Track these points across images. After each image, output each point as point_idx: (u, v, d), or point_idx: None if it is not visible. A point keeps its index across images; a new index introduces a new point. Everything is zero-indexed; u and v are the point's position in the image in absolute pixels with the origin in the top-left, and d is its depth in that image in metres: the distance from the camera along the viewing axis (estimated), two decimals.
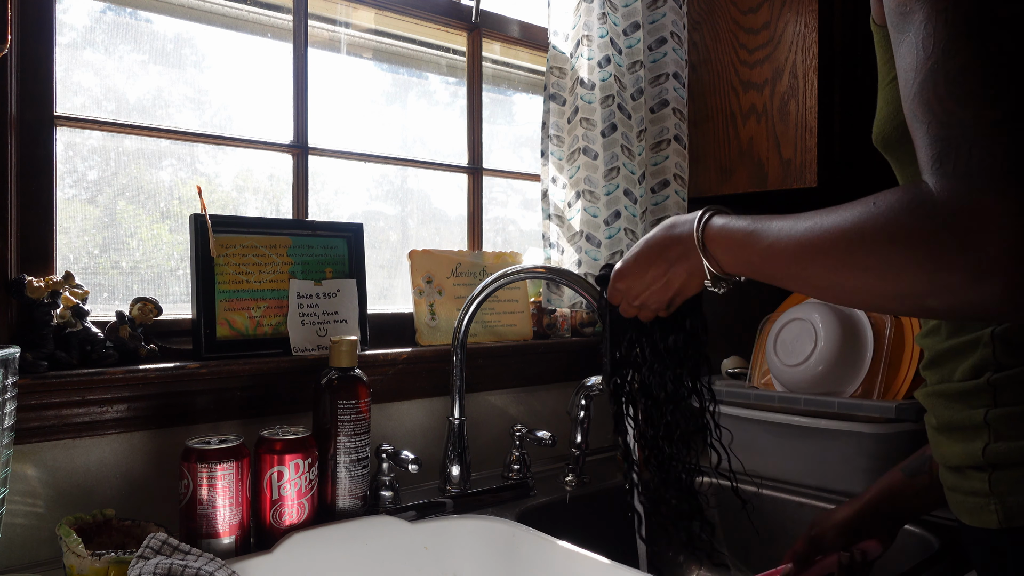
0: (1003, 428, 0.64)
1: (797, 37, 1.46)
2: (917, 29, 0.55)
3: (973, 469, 0.66)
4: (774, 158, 1.50)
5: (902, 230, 0.52)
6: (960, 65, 0.52)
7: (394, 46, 1.42)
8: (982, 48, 0.51)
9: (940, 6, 0.53)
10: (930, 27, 0.53)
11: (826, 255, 0.58)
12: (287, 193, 1.24)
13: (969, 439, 0.66)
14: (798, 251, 0.60)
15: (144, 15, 1.14)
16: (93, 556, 0.76)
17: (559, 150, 1.41)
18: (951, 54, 0.52)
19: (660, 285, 0.80)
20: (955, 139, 0.51)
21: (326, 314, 1.13)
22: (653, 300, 0.82)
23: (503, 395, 1.38)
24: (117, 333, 0.97)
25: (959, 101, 0.51)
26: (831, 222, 0.58)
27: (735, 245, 0.69)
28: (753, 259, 0.67)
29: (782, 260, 0.63)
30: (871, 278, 0.54)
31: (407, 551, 0.95)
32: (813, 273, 0.59)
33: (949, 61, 0.52)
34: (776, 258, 0.63)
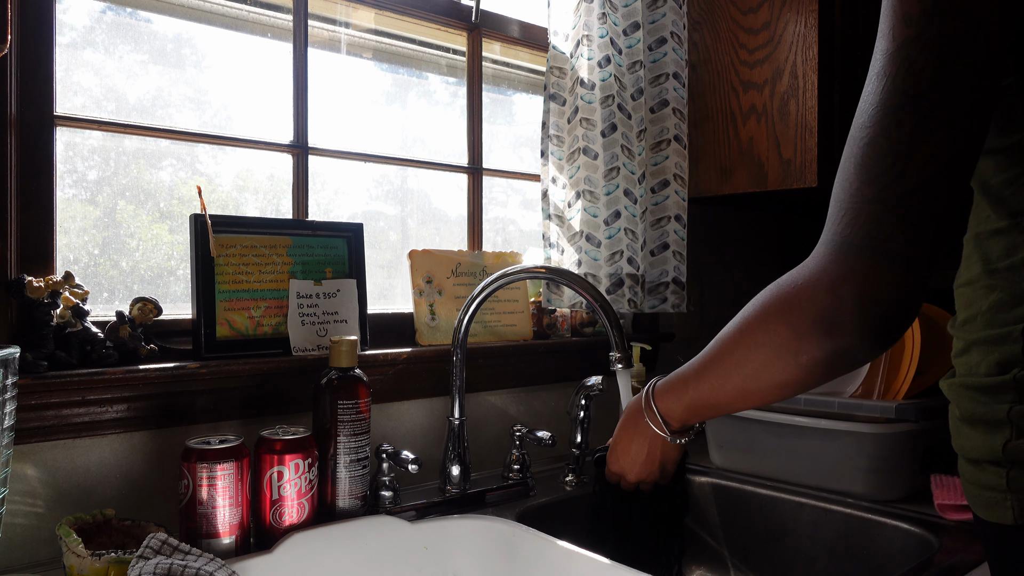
0: None
1: (797, 37, 1.46)
2: (869, 80, 0.59)
3: (991, 464, 0.66)
4: (774, 158, 1.50)
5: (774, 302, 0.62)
6: (871, 137, 0.57)
7: (394, 46, 1.42)
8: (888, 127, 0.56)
9: (889, 69, 0.57)
10: (876, 85, 0.58)
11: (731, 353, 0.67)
12: (287, 193, 1.24)
13: (990, 433, 0.66)
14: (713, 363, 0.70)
15: (144, 15, 1.14)
16: (93, 556, 0.76)
17: (559, 150, 1.41)
18: (872, 122, 0.57)
19: (644, 456, 0.88)
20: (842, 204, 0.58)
21: (326, 314, 1.13)
22: (645, 473, 0.90)
23: (503, 395, 1.38)
24: (117, 333, 0.97)
25: (858, 170, 0.57)
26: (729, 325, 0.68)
27: (675, 390, 0.79)
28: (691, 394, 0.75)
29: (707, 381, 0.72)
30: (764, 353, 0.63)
31: (407, 551, 0.95)
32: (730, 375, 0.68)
33: (867, 129, 0.57)
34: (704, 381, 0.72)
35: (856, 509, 1.12)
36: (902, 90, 0.55)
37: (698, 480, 1.30)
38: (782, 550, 1.19)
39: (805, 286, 0.59)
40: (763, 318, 0.63)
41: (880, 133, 0.56)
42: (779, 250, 2.07)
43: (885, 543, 1.08)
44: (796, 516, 1.18)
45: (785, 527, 1.19)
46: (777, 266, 2.05)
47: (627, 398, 1.04)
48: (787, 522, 1.19)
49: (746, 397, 0.69)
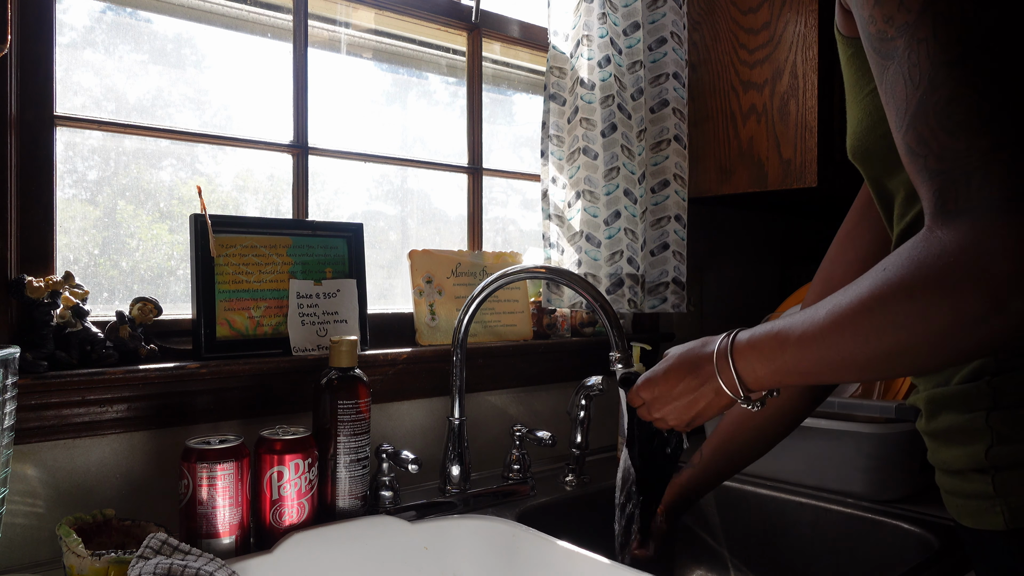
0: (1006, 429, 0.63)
1: (797, 37, 1.46)
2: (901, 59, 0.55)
3: (975, 472, 0.66)
4: (774, 158, 1.50)
5: (918, 281, 0.53)
6: (947, 96, 0.52)
7: (394, 46, 1.42)
8: (966, 77, 0.52)
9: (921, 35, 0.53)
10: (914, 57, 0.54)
11: (855, 328, 0.58)
12: (287, 193, 1.24)
13: (970, 442, 0.66)
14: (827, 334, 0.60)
15: (144, 15, 1.14)
16: (93, 556, 0.76)
17: (559, 150, 1.41)
18: (937, 85, 0.53)
19: (686, 401, 0.79)
20: (953, 172, 0.52)
21: (326, 314, 1.13)
22: (674, 416, 0.82)
23: (503, 395, 1.38)
24: (117, 333, 0.97)
25: (951, 133, 0.52)
26: (850, 297, 0.58)
27: (766, 350, 0.69)
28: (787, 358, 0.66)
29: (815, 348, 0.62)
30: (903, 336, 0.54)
31: (407, 551, 0.95)
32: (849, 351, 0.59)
33: (936, 92, 0.53)
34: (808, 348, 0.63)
35: (856, 509, 1.12)
36: (954, 41, 0.52)
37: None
38: (782, 550, 1.19)
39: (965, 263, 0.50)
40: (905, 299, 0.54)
41: (958, 85, 0.52)
42: (779, 250, 2.07)
43: (885, 543, 1.08)
44: (796, 516, 1.18)
45: (785, 527, 1.19)
46: (777, 266, 2.05)
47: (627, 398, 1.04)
48: (787, 522, 1.19)
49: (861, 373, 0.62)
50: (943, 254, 0.51)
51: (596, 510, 1.23)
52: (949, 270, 0.51)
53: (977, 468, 0.65)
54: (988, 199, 0.50)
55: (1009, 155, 0.50)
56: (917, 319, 0.53)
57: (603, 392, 1.24)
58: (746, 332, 0.72)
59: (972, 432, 0.66)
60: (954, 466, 0.68)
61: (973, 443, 0.66)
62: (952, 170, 0.52)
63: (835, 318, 0.60)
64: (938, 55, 0.52)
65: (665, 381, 0.81)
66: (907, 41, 0.54)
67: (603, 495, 1.24)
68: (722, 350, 0.74)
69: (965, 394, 0.66)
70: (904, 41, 0.54)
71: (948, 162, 0.52)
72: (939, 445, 0.70)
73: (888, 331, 0.55)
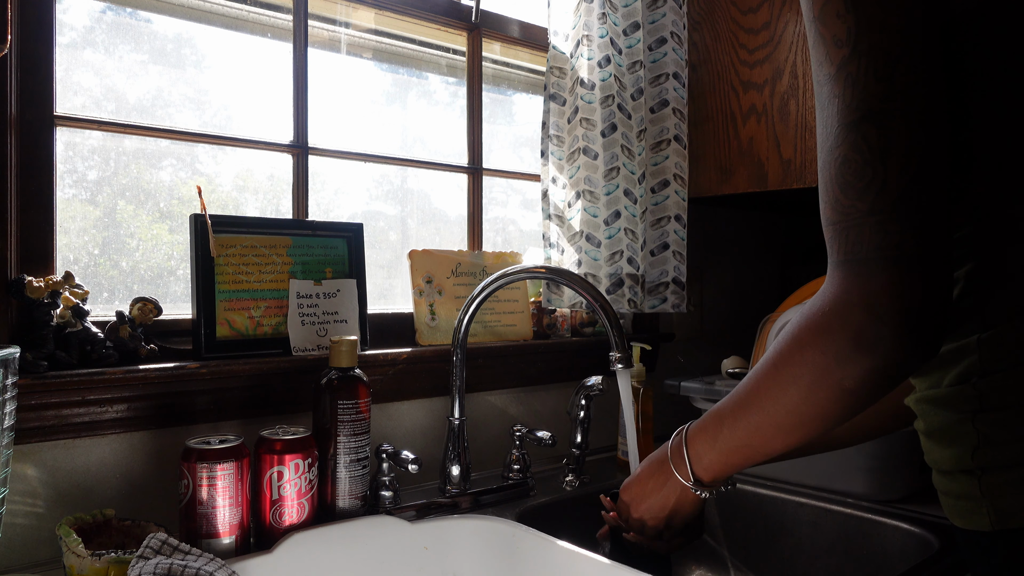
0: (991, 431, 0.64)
1: (797, 37, 1.46)
2: (822, 106, 0.61)
3: (963, 473, 0.66)
4: (774, 158, 1.50)
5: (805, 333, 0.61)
6: (842, 156, 0.58)
7: (394, 46, 1.42)
8: (857, 143, 0.57)
9: (836, 91, 0.59)
10: (830, 108, 0.60)
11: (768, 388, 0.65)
12: (287, 193, 1.24)
13: (958, 443, 0.67)
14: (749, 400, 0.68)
15: (144, 15, 1.14)
16: (93, 556, 0.76)
17: (559, 150, 1.41)
18: (838, 143, 0.59)
19: (657, 499, 0.82)
20: (839, 225, 0.59)
21: (326, 314, 1.13)
22: (650, 515, 0.84)
23: (503, 395, 1.38)
24: (117, 333, 0.97)
25: (842, 189, 0.59)
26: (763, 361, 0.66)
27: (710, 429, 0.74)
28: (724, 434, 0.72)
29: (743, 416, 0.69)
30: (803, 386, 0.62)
31: (407, 551, 0.95)
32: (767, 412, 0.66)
33: (836, 150, 0.59)
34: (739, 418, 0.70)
35: (856, 509, 1.12)
36: (854, 107, 0.58)
37: None
38: (782, 550, 1.19)
39: (834, 310, 0.58)
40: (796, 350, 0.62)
41: (850, 149, 0.58)
42: (779, 250, 2.07)
43: (885, 543, 1.08)
44: (796, 516, 1.18)
45: (785, 527, 1.19)
46: (777, 266, 2.05)
47: (627, 398, 1.04)
48: (787, 522, 1.19)
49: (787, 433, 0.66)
50: (823, 305, 0.60)
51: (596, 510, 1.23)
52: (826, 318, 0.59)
53: (964, 469, 0.66)
54: (858, 256, 0.57)
55: (877, 221, 0.57)
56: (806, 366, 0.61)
57: (603, 392, 1.24)
58: (696, 421, 0.78)
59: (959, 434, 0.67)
60: (944, 467, 0.69)
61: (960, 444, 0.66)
62: (839, 223, 0.59)
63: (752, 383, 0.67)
64: (842, 114, 0.59)
65: (638, 482, 0.86)
66: (828, 92, 0.60)
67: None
68: (676, 442, 0.79)
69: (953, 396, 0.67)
70: (827, 91, 0.60)
71: (838, 214, 0.59)
72: (932, 446, 0.71)
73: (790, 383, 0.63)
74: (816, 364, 0.60)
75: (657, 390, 1.53)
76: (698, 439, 0.76)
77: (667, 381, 1.48)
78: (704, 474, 0.77)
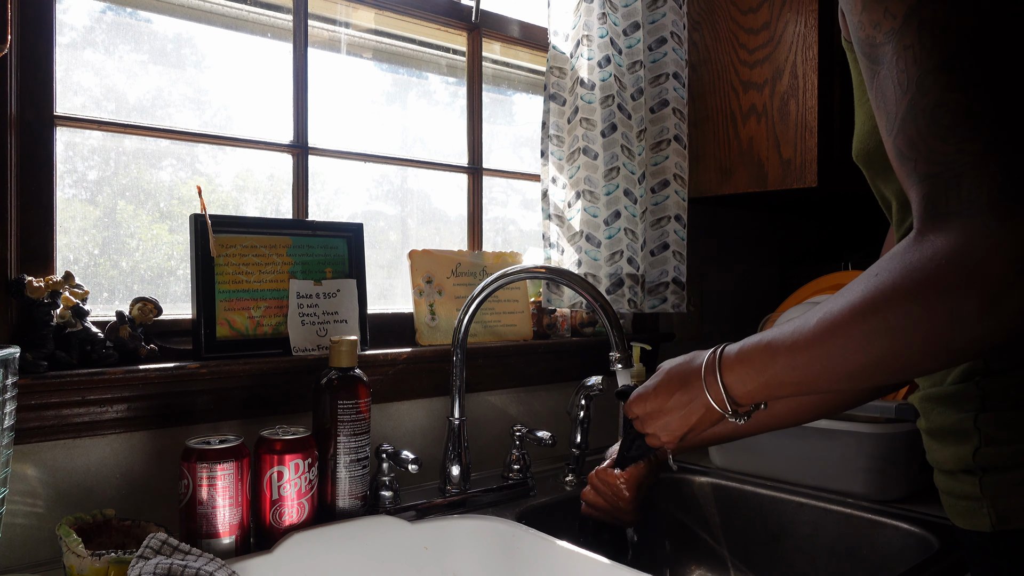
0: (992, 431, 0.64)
1: (797, 37, 1.46)
2: (889, 64, 0.56)
3: (964, 473, 0.66)
4: (774, 158, 1.50)
5: (910, 285, 0.53)
6: (935, 100, 0.52)
7: (394, 46, 1.42)
8: (953, 81, 0.52)
9: (907, 41, 0.54)
10: (901, 63, 0.54)
11: (848, 335, 0.57)
12: (287, 193, 1.24)
13: (960, 443, 0.66)
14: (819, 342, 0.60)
15: (144, 15, 1.14)
16: (93, 556, 0.76)
17: (559, 150, 1.41)
18: (925, 90, 0.53)
19: (678, 417, 0.78)
20: (943, 175, 0.52)
21: (326, 314, 1.13)
22: (666, 432, 0.80)
23: (503, 395, 1.38)
24: (117, 333, 0.97)
25: (940, 137, 0.52)
26: (841, 304, 0.58)
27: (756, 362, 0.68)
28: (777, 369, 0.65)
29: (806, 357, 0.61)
30: (897, 341, 0.54)
31: (407, 551, 0.95)
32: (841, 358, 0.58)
33: (924, 97, 0.53)
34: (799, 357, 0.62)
35: (856, 509, 1.12)
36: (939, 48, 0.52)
37: (698, 480, 1.30)
38: (782, 550, 1.19)
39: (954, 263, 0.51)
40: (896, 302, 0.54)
41: (944, 92, 0.52)
42: (779, 250, 2.07)
43: (885, 543, 1.08)
44: (796, 516, 1.18)
45: (785, 527, 1.19)
46: (777, 266, 2.05)
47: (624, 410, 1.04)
48: (787, 522, 1.19)
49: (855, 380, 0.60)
50: (934, 257, 0.52)
51: None
52: (941, 273, 0.51)
53: (966, 469, 0.66)
54: (979, 201, 0.50)
55: (1000, 156, 0.50)
56: (910, 323, 0.53)
57: (603, 392, 1.24)
58: (734, 345, 0.72)
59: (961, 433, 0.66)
60: (945, 466, 0.69)
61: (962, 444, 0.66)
62: (942, 173, 0.52)
63: (827, 325, 0.59)
64: (924, 60, 0.53)
65: (656, 397, 0.80)
66: (894, 47, 0.55)
67: None
68: (710, 364, 0.73)
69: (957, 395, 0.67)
70: (891, 47, 0.55)
71: (938, 166, 0.52)
72: (934, 445, 0.71)
73: (881, 336, 0.55)
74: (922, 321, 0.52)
75: None
76: (741, 366, 0.70)
77: None
78: (740, 398, 0.72)
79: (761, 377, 0.68)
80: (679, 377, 0.78)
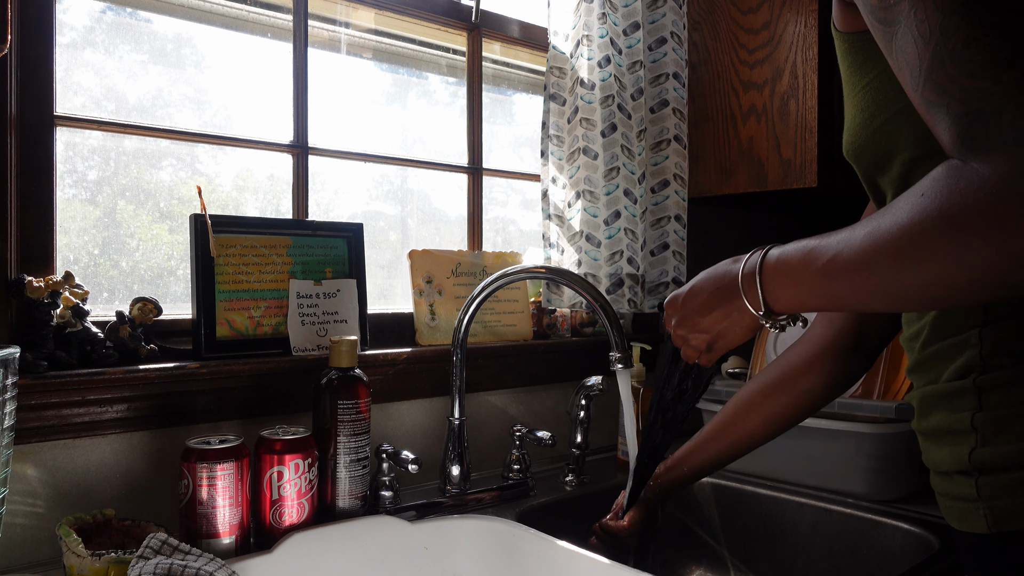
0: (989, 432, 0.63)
1: (797, 37, 1.46)
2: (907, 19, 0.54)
3: (960, 474, 0.66)
4: (774, 158, 1.50)
5: (961, 212, 0.50)
6: (963, 40, 0.50)
7: (394, 46, 1.42)
8: (978, 16, 0.50)
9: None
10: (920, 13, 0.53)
11: (892, 256, 0.54)
12: (287, 193, 1.24)
13: (956, 443, 0.66)
14: (865, 257, 0.56)
15: (144, 15, 1.14)
16: (93, 556, 0.76)
17: (559, 150, 1.41)
18: (950, 32, 0.51)
19: (709, 318, 0.75)
20: (980, 111, 0.50)
21: (326, 314, 1.13)
22: (696, 334, 0.78)
23: (503, 395, 1.38)
24: (117, 333, 0.97)
25: (973, 75, 0.50)
26: (889, 222, 0.54)
27: (796, 269, 0.64)
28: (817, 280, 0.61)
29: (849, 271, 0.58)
30: (945, 267, 0.51)
31: (407, 551, 0.95)
32: (886, 277, 0.55)
33: (950, 40, 0.51)
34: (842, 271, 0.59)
35: (856, 509, 1.12)
36: None
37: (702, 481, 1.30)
38: (782, 550, 1.19)
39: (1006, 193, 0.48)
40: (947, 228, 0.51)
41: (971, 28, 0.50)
42: None
43: (885, 543, 1.08)
44: (796, 516, 1.18)
45: (785, 527, 1.19)
46: None
47: (627, 398, 1.04)
48: (787, 522, 1.19)
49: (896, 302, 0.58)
50: (983, 186, 0.49)
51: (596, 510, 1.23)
52: (990, 205, 0.49)
53: (961, 470, 0.66)
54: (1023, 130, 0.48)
55: None
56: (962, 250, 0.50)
57: (603, 392, 1.24)
58: (777, 248, 0.68)
59: (957, 433, 0.66)
60: (941, 468, 0.69)
61: (958, 444, 0.66)
62: (980, 109, 0.50)
63: (874, 242, 0.56)
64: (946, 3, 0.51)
65: (690, 297, 0.78)
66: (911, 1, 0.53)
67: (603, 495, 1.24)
68: (750, 267, 0.70)
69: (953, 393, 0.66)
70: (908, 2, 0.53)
71: (974, 103, 0.50)
72: (930, 445, 0.71)
73: (930, 260, 0.52)
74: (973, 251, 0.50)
75: None
76: (779, 274, 0.66)
77: None
78: (776, 304, 0.68)
79: (800, 286, 0.64)
80: (716, 278, 0.75)
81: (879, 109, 0.68)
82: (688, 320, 0.78)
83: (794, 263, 0.64)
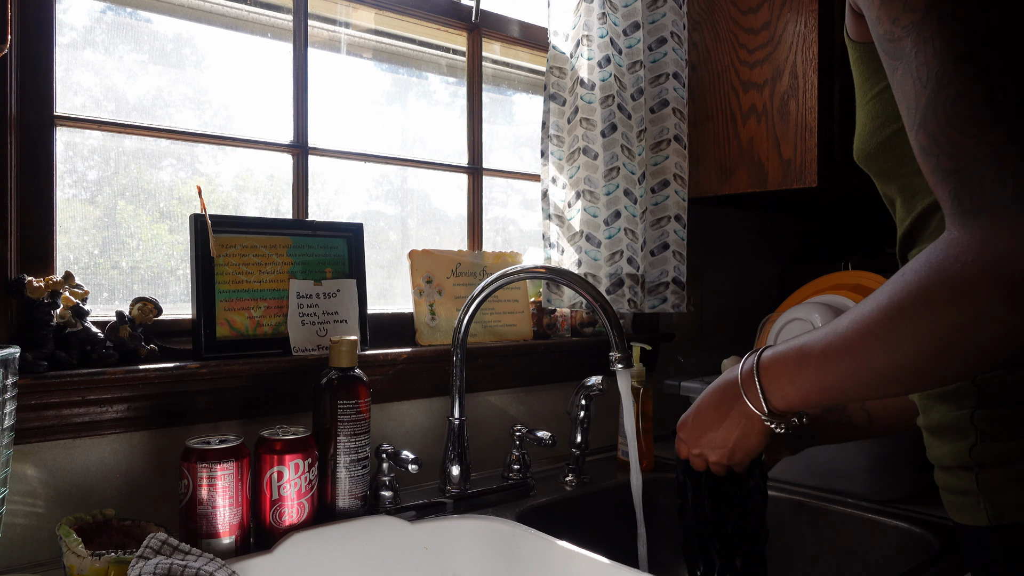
0: (988, 429, 0.65)
1: (797, 37, 1.46)
2: (909, 58, 0.55)
3: (961, 469, 0.67)
4: (774, 158, 1.50)
5: (935, 284, 0.52)
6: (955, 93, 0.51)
7: (394, 46, 1.42)
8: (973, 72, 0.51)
9: (927, 34, 0.53)
10: (921, 56, 0.54)
11: (878, 338, 0.56)
12: (287, 193, 1.24)
13: (957, 439, 0.67)
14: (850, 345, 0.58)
15: (144, 15, 1.14)
16: (93, 556, 0.76)
17: (559, 150, 1.41)
18: (944, 82, 0.52)
19: (720, 432, 0.76)
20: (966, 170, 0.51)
21: (326, 314, 1.13)
22: (712, 449, 0.78)
23: (503, 395, 1.38)
24: (117, 333, 0.97)
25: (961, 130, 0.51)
26: (871, 306, 0.57)
27: (791, 364, 0.66)
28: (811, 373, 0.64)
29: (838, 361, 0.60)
30: (925, 343, 0.53)
31: (407, 551, 0.95)
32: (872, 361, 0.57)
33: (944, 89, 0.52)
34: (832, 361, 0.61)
35: (856, 509, 1.12)
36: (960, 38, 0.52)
37: None
38: (782, 550, 1.19)
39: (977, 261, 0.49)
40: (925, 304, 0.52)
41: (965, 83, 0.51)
42: (779, 250, 2.07)
43: (885, 543, 1.08)
44: (796, 516, 1.18)
45: (785, 527, 1.19)
46: (777, 266, 2.05)
47: (627, 398, 1.04)
48: (787, 522, 1.19)
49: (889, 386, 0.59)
50: (960, 255, 0.50)
51: (596, 510, 1.23)
52: (966, 271, 0.50)
53: (962, 465, 0.67)
54: (1003, 194, 0.49)
55: (1018, 151, 0.49)
56: (937, 324, 0.52)
57: (603, 392, 1.24)
58: (771, 349, 0.71)
59: (959, 429, 0.67)
60: (943, 462, 0.70)
61: (959, 440, 0.67)
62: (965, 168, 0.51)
63: (857, 328, 0.58)
64: (944, 53, 0.52)
65: (697, 415, 0.79)
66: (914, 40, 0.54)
67: (603, 495, 1.24)
68: (748, 366, 0.72)
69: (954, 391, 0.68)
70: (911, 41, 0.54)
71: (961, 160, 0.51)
72: (933, 441, 0.72)
73: (910, 338, 0.54)
74: (950, 322, 0.51)
75: (657, 390, 1.53)
76: (775, 372, 0.69)
77: (667, 381, 1.48)
78: (777, 404, 0.70)
79: (796, 381, 0.66)
80: (718, 390, 0.77)
81: (888, 120, 0.69)
82: (702, 438, 0.79)
83: (789, 357, 0.67)
